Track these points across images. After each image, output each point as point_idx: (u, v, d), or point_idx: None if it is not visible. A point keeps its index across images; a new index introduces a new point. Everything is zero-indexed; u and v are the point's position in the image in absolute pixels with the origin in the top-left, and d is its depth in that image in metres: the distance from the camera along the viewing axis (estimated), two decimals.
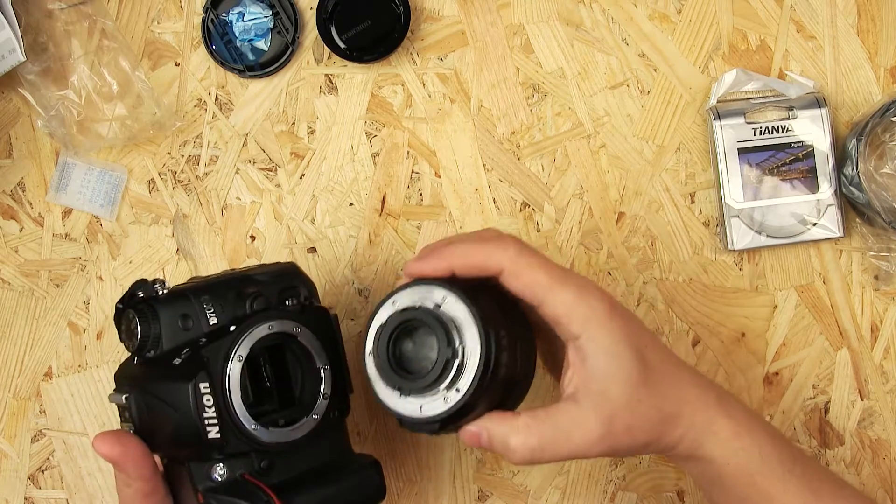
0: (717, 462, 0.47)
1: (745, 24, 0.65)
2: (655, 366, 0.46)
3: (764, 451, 0.47)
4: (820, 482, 0.49)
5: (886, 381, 0.65)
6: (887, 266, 0.63)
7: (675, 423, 0.46)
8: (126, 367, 0.51)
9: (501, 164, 0.64)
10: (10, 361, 0.63)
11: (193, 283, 0.52)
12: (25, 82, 0.62)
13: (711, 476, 0.48)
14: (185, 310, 0.49)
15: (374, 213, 0.64)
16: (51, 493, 0.63)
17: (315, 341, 0.50)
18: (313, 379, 0.50)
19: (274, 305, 0.51)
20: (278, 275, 0.52)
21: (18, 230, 0.64)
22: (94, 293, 0.64)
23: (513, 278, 0.46)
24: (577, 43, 0.65)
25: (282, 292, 0.51)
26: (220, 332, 0.48)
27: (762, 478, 0.47)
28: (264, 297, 0.50)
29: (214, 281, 0.51)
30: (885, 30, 0.65)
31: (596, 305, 0.45)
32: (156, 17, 0.64)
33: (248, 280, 0.51)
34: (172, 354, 0.48)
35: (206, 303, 0.49)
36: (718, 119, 0.63)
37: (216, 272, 0.53)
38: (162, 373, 0.48)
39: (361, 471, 0.52)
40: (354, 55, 0.62)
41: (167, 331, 0.48)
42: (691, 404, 0.47)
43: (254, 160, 0.64)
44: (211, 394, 0.46)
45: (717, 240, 0.64)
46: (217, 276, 0.52)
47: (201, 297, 0.49)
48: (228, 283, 0.51)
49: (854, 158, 0.61)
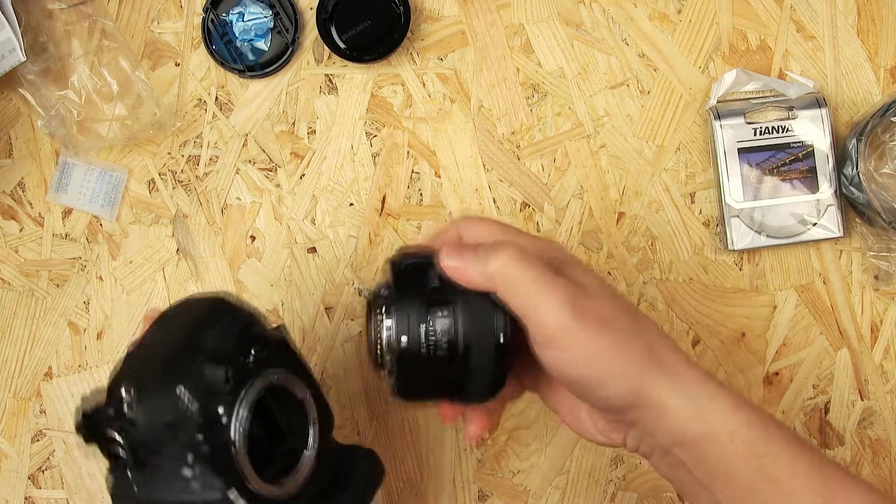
0: (721, 439, 0.42)
1: (745, 24, 0.65)
2: (630, 314, 0.44)
3: (769, 428, 0.42)
4: (832, 468, 0.42)
5: (886, 381, 0.65)
6: (887, 266, 0.63)
7: (658, 371, 0.42)
8: (121, 486, 0.44)
9: (501, 164, 0.64)
10: (10, 361, 0.63)
11: (142, 364, 0.45)
12: (25, 82, 0.62)
13: (712, 463, 0.42)
14: (166, 415, 0.43)
15: (374, 213, 0.64)
16: (51, 493, 0.63)
17: (290, 375, 0.47)
18: (299, 413, 0.48)
19: (242, 364, 0.45)
20: (222, 320, 0.46)
21: (18, 230, 0.64)
22: (94, 293, 0.64)
23: (505, 288, 0.44)
24: (577, 43, 0.65)
25: (239, 340, 0.46)
26: (211, 423, 0.43)
27: (770, 459, 0.42)
28: (229, 358, 0.45)
29: (170, 357, 0.45)
30: (885, 30, 0.65)
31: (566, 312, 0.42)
32: (156, 17, 0.64)
33: (199, 347, 0.45)
34: (176, 460, 0.43)
35: (180, 393, 0.43)
36: (718, 119, 0.63)
37: (136, 335, 0.48)
38: (177, 485, 0.43)
39: (363, 463, 0.51)
40: (354, 55, 0.62)
41: (155, 434, 0.43)
42: (672, 359, 0.43)
43: (254, 160, 0.64)
44: (242, 497, 0.44)
45: (717, 240, 0.64)
46: (161, 348, 0.45)
47: (173, 388, 0.43)
48: (186, 357, 0.44)
49: (854, 158, 0.61)
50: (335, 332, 0.64)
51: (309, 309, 0.64)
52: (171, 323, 0.47)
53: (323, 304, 0.64)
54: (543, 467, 0.64)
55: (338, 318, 0.64)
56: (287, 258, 0.64)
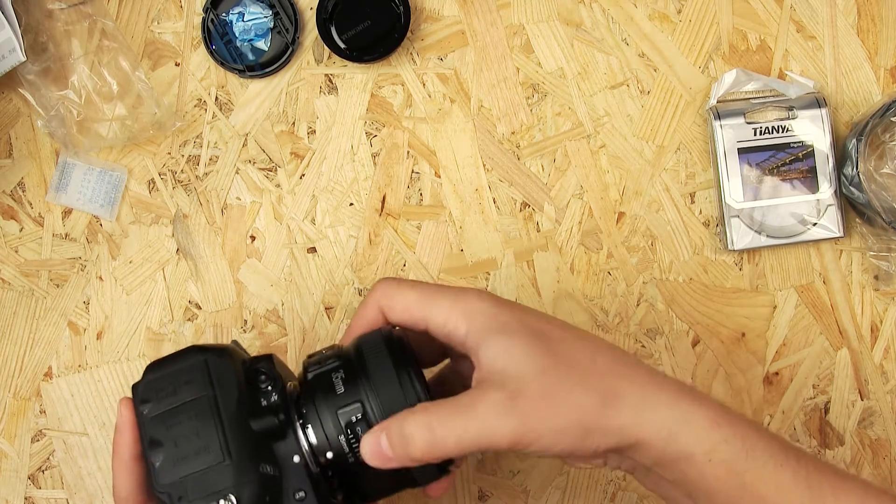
0: (698, 459, 0.41)
1: (745, 24, 0.65)
2: (560, 340, 0.42)
3: (748, 442, 0.41)
4: (820, 474, 0.41)
5: (886, 381, 0.65)
6: (887, 266, 0.63)
7: (617, 402, 0.40)
8: None
9: (501, 164, 0.64)
10: (10, 361, 0.63)
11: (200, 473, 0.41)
12: (25, 82, 0.62)
13: (692, 482, 0.42)
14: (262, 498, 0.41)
15: (374, 213, 0.64)
16: (51, 493, 0.63)
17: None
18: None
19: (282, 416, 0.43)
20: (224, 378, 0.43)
21: (18, 230, 0.64)
22: (94, 293, 0.64)
23: (390, 311, 0.44)
24: (577, 43, 0.65)
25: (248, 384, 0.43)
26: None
27: (752, 476, 0.41)
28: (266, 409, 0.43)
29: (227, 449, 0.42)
30: (885, 30, 0.65)
31: (474, 302, 0.42)
32: (156, 17, 0.64)
33: (233, 417, 0.42)
34: None
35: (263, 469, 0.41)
36: (718, 119, 0.63)
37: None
38: None
39: None
40: (354, 55, 0.62)
41: None
42: (636, 383, 0.41)
43: (254, 160, 0.64)
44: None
45: (717, 240, 0.64)
46: (204, 452, 0.42)
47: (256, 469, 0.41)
48: (243, 439, 0.42)
49: (854, 158, 0.61)
50: (335, 332, 0.64)
51: (309, 309, 0.64)
52: (181, 400, 0.43)
53: (323, 304, 0.64)
54: (543, 467, 0.64)
55: (338, 318, 0.64)
56: (287, 258, 0.64)
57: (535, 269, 0.64)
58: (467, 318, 0.42)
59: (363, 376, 0.43)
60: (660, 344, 0.64)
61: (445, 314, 0.42)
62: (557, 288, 0.64)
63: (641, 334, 0.64)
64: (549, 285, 0.64)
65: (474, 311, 0.42)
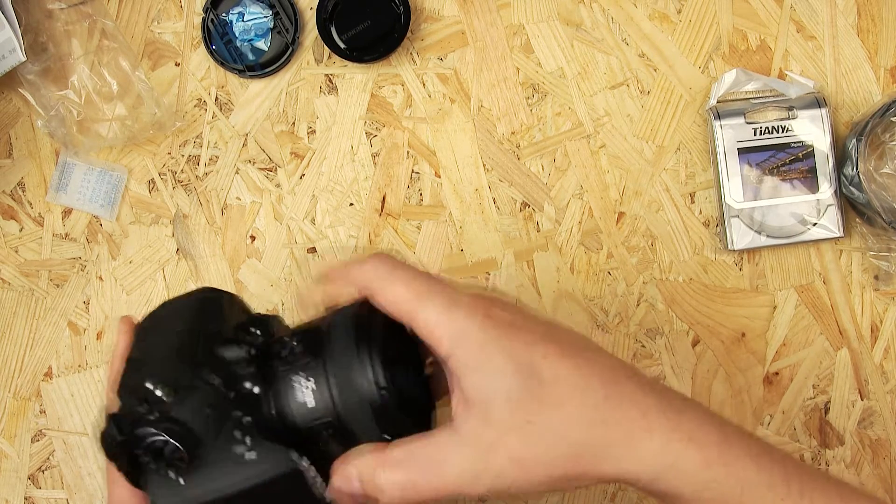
0: (686, 497, 0.39)
1: (745, 24, 0.65)
2: (552, 380, 0.39)
3: (745, 480, 0.39)
4: (825, 499, 0.40)
5: (886, 381, 0.65)
6: (887, 266, 0.63)
7: (600, 452, 0.39)
8: (165, 493, 0.42)
9: (501, 164, 0.64)
10: (10, 361, 0.63)
11: (161, 365, 0.43)
12: (25, 82, 0.62)
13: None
14: (205, 407, 0.42)
15: (374, 213, 0.64)
16: (51, 493, 0.63)
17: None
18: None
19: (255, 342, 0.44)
20: (220, 310, 0.46)
21: (18, 230, 0.64)
22: (94, 293, 0.64)
23: (376, 297, 0.41)
24: (577, 43, 0.65)
25: (243, 324, 0.44)
26: (247, 398, 0.42)
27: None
28: (241, 340, 0.43)
29: (186, 352, 0.43)
30: (885, 30, 0.65)
31: (463, 319, 0.39)
32: (156, 17, 0.64)
33: (210, 335, 0.44)
34: (225, 446, 0.41)
35: (214, 381, 0.42)
36: (718, 119, 0.63)
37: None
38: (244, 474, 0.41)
39: None
40: (354, 55, 0.62)
41: (199, 426, 0.41)
42: (623, 427, 0.39)
43: (254, 160, 0.64)
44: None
45: (717, 240, 0.65)
46: (168, 348, 0.44)
47: (204, 378, 0.42)
48: (204, 348, 0.43)
49: (854, 158, 0.61)
50: None
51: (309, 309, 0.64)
52: (167, 322, 0.46)
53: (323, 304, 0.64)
54: None
55: None
56: (287, 258, 0.64)
57: (535, 269, 0.64)
58: (451, 341, 0.39)
59: (326, 353, 0.43)
60: (660, 344, 0.64)
61: (430, 327, 0.40)
62: (557, 288, 0.64)
63: (641, 334, 0.64)
64: (549, 285, 0.64)
65: (461, 335, 0.39)
